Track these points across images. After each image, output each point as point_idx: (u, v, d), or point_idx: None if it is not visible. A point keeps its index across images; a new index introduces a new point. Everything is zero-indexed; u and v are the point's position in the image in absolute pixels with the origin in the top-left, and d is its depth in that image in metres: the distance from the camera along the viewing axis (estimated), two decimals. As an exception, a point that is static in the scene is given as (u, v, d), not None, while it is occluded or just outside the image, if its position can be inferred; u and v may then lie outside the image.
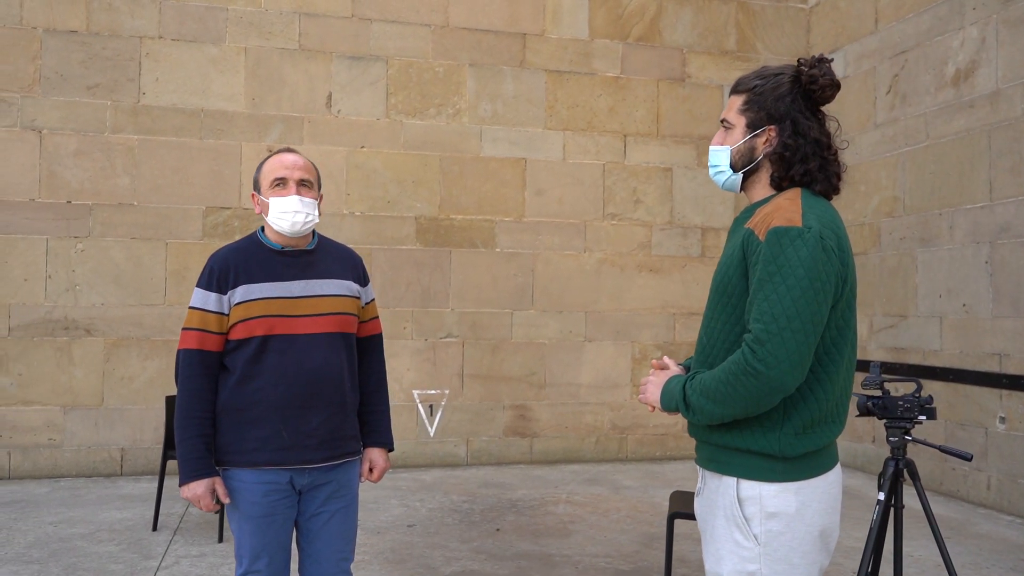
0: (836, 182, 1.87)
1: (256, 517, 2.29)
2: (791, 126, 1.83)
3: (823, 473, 1.79)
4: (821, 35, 7.47)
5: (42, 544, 4.45)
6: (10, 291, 6.02)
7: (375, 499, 5.56)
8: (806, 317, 1.66)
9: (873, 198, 6.76)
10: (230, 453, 2.31)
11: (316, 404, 2.33)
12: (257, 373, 2.29)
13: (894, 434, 2.62)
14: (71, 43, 6.17)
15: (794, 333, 1.65)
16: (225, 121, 6.41)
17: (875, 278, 6.71)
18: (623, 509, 5.42)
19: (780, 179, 1.86)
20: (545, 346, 7.00)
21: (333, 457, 2.39)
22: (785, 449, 1.74)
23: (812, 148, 1.83)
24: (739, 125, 1.90)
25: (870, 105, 6.81)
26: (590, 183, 7.14)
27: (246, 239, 2.44)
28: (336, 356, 2.38)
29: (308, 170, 2.43)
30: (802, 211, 1.74)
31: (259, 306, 2.29)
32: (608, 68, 7.20)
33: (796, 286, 1.66)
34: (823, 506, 1.78)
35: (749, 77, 1.91)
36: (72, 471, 6.08)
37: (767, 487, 1.75)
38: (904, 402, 2.61)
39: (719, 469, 1.83)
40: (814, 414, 1.76)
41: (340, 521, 2.42)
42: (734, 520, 1.78)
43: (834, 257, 1.71)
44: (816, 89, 1.84)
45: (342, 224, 6.59)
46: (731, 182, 1.94)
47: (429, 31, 6.83)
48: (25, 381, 6.02)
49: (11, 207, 6.04)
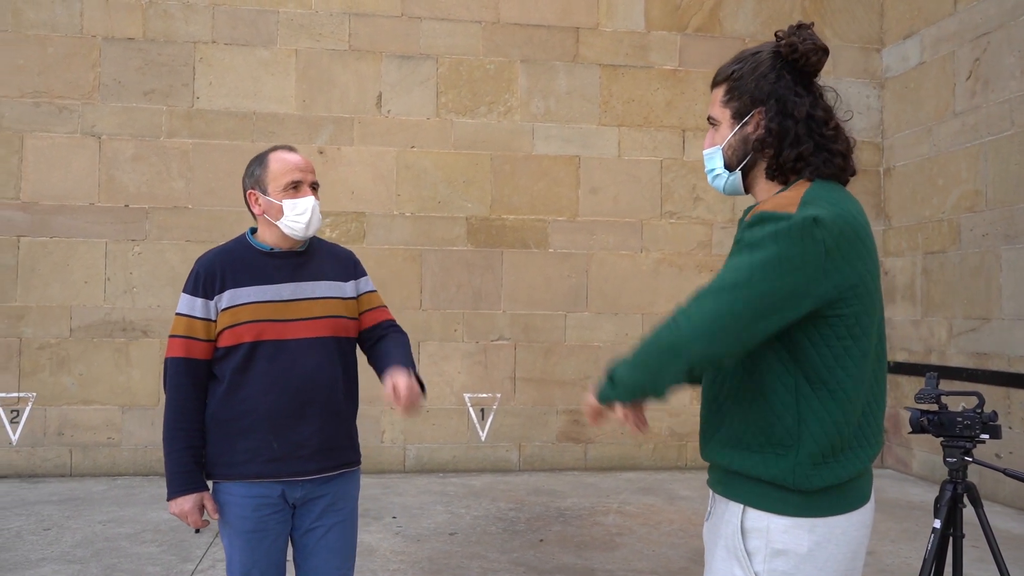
0: (841, 163, 1.61)
1: (246, 532, 2.19)
2: (776, 105, 1.60)
3: (847, 512, 1.53)
4: (895, 19, 7.02)
5: (88, 543, 4.51)
6: (72, 293, 6.17)
7: (420, 505, 5.47)
8: (746, 294, 1.46)
9: (952, 192, 6.30)
10: (219, 465, 2.21)
11: (308, 413, 2.21)
12: (246, 381, 2.18)
13: (952, 454, 2.34)
14: (128, 50, 6.29)
15: (720, 301, 1.47)
16: (276, 123, 6.44)
17: (954, 278, 6.24)
18: (676, 521, 5.17)
19: (775, 169, 1.63)
20: (600, 349, 6.78)
21: (327, 468, 2.26)
22: (800, 482, 1.50)
23: (804, 128, 1.59)
24: (725, 119, 1.68)
25: (948, 93, 6.35)
26: (647, 180, 6.88)
27: (234, 241, 2.35)
28: (329, 362, 2.25)
29: (315, 172, 2.39)
30: (802, 200, 1.51)
31: (247, 311, 2.19)
32: (665, 61, 6.93)
33: (757, 264, 1.47)
34: (843, 550, 1.52)
35: (727, 65, 1.70)
36: (130, 470, 6.19)
37: (777, 520, 1.52)
38: (964, 418, 2.32)
39: (726, 493, 1.62)
40: (832, 438, 1.50)
41: (337, 536, 2.30)
42: (734, 552, 1.56)
43: (820, 248, 1.46)
44: (799, 57, 1.61)
45: (392, 225, 6.53)
46: (731, 184, 1.72)
47: (480, 28, 6.71)
48: (85, 381, 6.16)
49: (73, 211, 6.19)
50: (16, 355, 6.10)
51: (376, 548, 4.51)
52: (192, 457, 2.19)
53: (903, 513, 5.43)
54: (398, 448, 6.48)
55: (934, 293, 6.46)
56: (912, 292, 6.73)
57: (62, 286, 6.16)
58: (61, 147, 6.20)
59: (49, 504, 5.32)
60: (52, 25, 6.21)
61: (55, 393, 6.12)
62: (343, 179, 6.50)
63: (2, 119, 6.13)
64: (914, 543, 4.72)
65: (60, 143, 6.20)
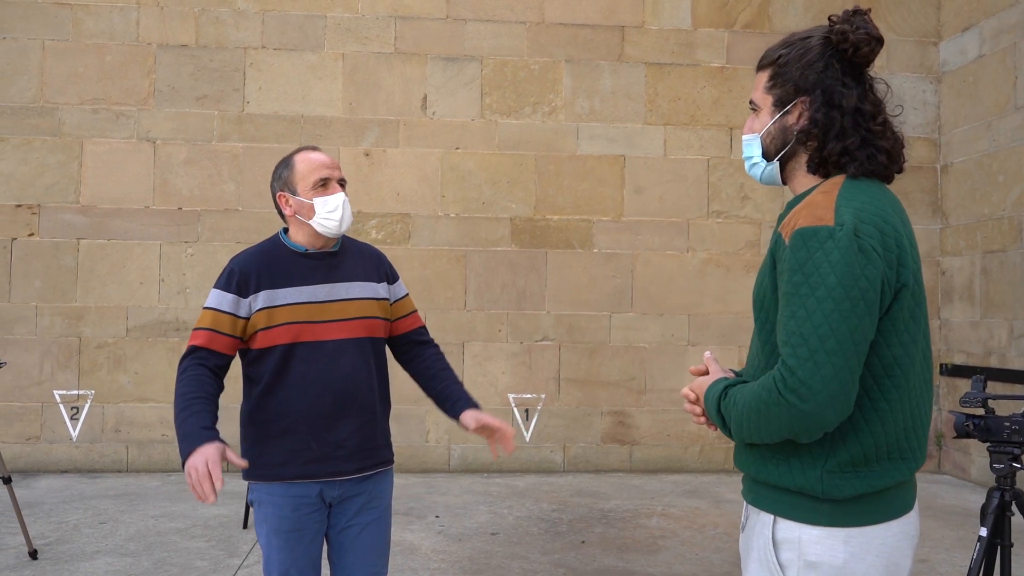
0: (886, 160, 1.53)
1: (285, 532, 2.22)
2: (821, 96, 1.53)
3: (885, 521, 1.47)
4: (954, 11, 6.80)
5: (140, 537, 4.64)
6: (128, 294, 6.36)
7: (463, 504, 5.49)
8: (843, 336, 1.36)
9: (1013, 189, 6.07)
10: (257, 467, 2.24)
11: (346, 413, 2.24)
12: (283, 383, 2.22)
13: (999, 460, 2.26)
14: (182, 57, 6.46)
15: (829, 356, 1.36)
16: (323, 126, 6.54)
17: (1016, 277, 6.02)
18: (721, 525, 5.09)
19: (817, 163, 1.55)
20: (645, 350, 6.72)
21: (365, 468, 2.29)
22: (830, 490, 1.45)
23: (851, 121, 1.51)
24: (766, 105, 1.61)
25: (1009, 86, 6.12)
26: (693, 179, 6.80)
27: (268, 241, 2.37)
28: (365, 362, 2.28)
29: (341, 169, 2.40)
30: (836, 205, 1.43)
31: (284, 313, 2.22)
32: (712, 58, 6.84)
33: (827, 298, 1.37)
34: (881, 562, 1.45)
35: (774, 48, 1.62)
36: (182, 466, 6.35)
37: (808, 530, 1.47)
38: (1012, 423, 2.24)
39: (756, 503, 1.58)
40: (867, 448, 1.45)
41: (372, 534, 2.32)
42: (767, 565, 1.51)
43: (876, 258, 1.40)
44: (848, 47, 1.53)
45: (437, 226, 6.57)
46: (768, 174, 1.64)
47: (524, 28, 6.71)
48: (141, 379, 6.35)
49: (129, 214, 6.38)
50: (76, 354, 6.31)
51: (418, 547, 4.55)
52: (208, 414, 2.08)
53: (959, 520, 5.26)
54: (443, 448, 6.52)
55: (993, 293, 6.24)
56: (971, 292, 6.51)
57: (119, 287, 6.36)
58: (118, 152, 6.39)
59: (105, 498, 5.49)
60: (110, 34, 6.41)
61: (112, 391, 6.32)
62: (389, 181, 6.57)
63: (63, 125, 6.36)
64: (970, 551, 4.56)
65: (117, 148, 6.39)
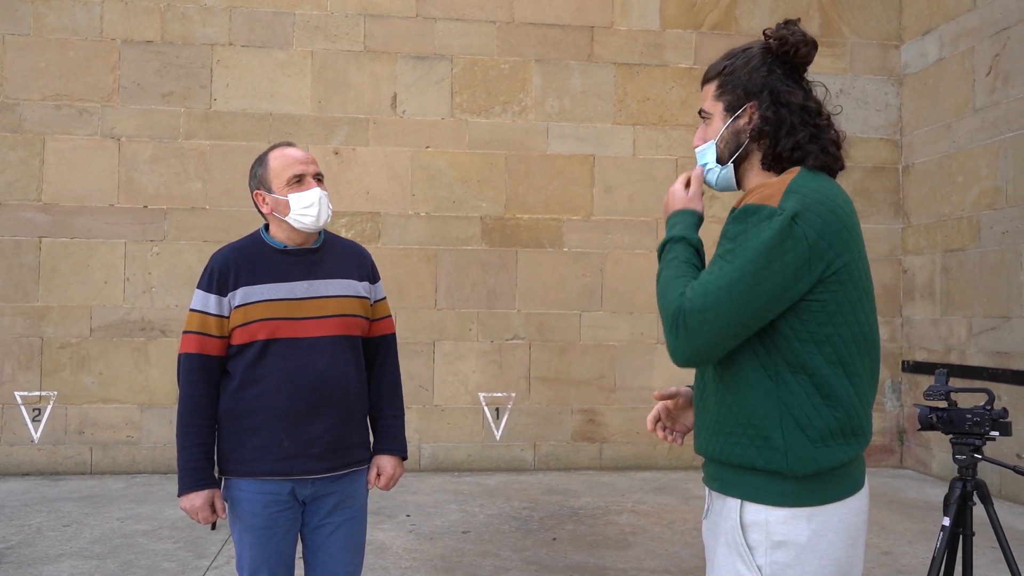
0: (835, 151, 1.65)
1: (256, 529, 2.22)
2: (769, 97, 1.64)
3: (843, 499, 1.56)
4: (914, 15, 6.95)
5: (106, 539, 4.57)
6: (92, 293, 6.25)
7: (434, 503, 5.49)
8: (737, 304, 1.48)
9: (972, 189, 6.22)
10: (230, 462, 2.24)
11: (320, 411, 2.23)
12: (258, 378, 2.20)
13: (961, 451, 2.32)
14: (147, 53, 6.37)
15: (718, 318, 1.49)
16: (292, 124, 6.48)
17: (974, 276, 6.17)
18: (689, 520, 5.15)
19: (771, 160, 1.65)
20: (615, 348, 6.77)
21: (337, 467, 2.28)
22: (795, 465, 1.52)
23: (799, 117, 1.63)
24: (717, 112, 1.71)
25: (968, 89, 6.27)
26: (662, 179, 6.85)
27: (249, 238, 2.35)
28: (342, 360, 2.27)
29: (317, 163, 2.37)
30: (787, 189, 1.53)
31: (260, 309, 2.21)
32: (680, 59, 6.91)
33: (741, 268, 1.49)
34: (841, 537, 1.55)
35: (717, 62, 1.74)
36: (148, 467, 6.26)
37: (774, 512, 1.54)
38: (974, 415, 2.30)
39: (722, 489, 1.64)
40: (817, 424, 1.52)
41: (346, 533, 2.32)
42: (736, 548, 1.57)
43: (803, 247, 1.48)
44: (789, 50, 1.66)
45: (407, 225, 6.56)
46: (723, 178, 1.73)
47: (494, 28, 6.72)
48: (105, 380, 6.24)
49: (93, 212, 6.28)
50: (38, 354, 6.19)
51: (389, 546, 4.54)
52: (204, 454, 2.21)
53: (921, 514, 5.38)
54: (413, 447, 6.49)
55: (953, 292, 6.39)
56: (931, 291, 6.66)
57: (82, 286, 6.24)
58: (81, 149, 6.28)
59: (69, 501, 5.39)
60: (73, 29, 6.30)
61: (76, 392, 6.21)
62: (358, 179, 6.54)
63: (24, 122, 6.23)
64: (932, 543, 4.65)
65: (80, 145, 6.28)
